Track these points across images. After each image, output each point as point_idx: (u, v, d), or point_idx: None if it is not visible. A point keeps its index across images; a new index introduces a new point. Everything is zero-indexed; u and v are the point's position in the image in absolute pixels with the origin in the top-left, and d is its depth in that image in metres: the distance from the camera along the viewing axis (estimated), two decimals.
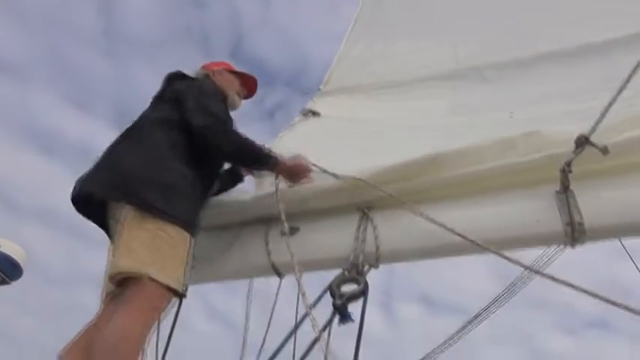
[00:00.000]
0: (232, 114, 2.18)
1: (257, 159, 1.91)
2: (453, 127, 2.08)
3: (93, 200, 1.78)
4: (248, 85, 2.33)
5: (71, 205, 1.83)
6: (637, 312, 1.14)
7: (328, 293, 1.65)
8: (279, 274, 1.87)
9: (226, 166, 2.12)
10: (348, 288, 1.64)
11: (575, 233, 1.46)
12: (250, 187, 2.21)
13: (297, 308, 2.17)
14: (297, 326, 1.73)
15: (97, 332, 1.61)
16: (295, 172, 1.89)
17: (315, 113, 2.64)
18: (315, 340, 1.57)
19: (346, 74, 3.03)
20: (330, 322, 1.59)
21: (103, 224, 1.83)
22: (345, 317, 1.61)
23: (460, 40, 2.88)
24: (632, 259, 3.07)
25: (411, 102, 2.53)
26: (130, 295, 1.60)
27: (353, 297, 1.61)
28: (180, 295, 1.77)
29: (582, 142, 1.45)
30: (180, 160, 1.81)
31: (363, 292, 1.63)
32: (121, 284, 1.66)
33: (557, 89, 2.08)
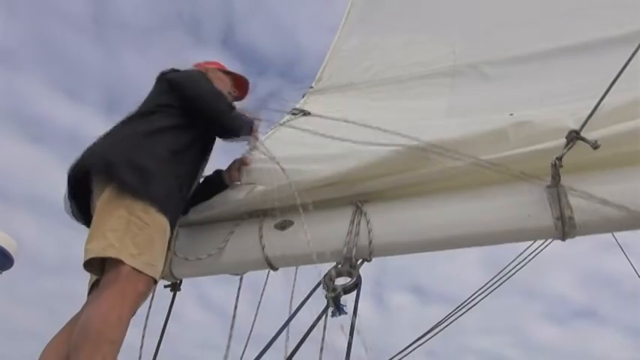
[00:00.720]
0: None
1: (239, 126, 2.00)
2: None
3: (86, 177, 1.79)
4: (240, 87, 2.34)
5: (67, 182, 1.82)
6: None
7: (322, 286, 1.67)
8: (273, 268, 1.89)
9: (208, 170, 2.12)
10: (341, 281, 1.66)
11: (565, 227, 1.48)
12: None
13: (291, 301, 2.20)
14: (290, 318, 1.74)
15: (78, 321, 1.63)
16: None
17: (305, 113, 2.56)
18: (309, 332, 1.59)
19: (339, 71, 2.96)
20: (323, 315, 1.60)
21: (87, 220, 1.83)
22: (338, 309, 1.62)
23: (458, 36, 2.79)
24: (623, 251, 3.10)
25: (407, 101, 2.46)
26: (108, 281, 1.61)
27: (346, 290, 1.63)
28: (174, 287, 1.78)
29: (573, 137, 1.46)
30: (162, 146, 1.83)
31: (357, 285, 1.64)
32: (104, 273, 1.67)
33: (559, 87, 2.05)
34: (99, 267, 1.68)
